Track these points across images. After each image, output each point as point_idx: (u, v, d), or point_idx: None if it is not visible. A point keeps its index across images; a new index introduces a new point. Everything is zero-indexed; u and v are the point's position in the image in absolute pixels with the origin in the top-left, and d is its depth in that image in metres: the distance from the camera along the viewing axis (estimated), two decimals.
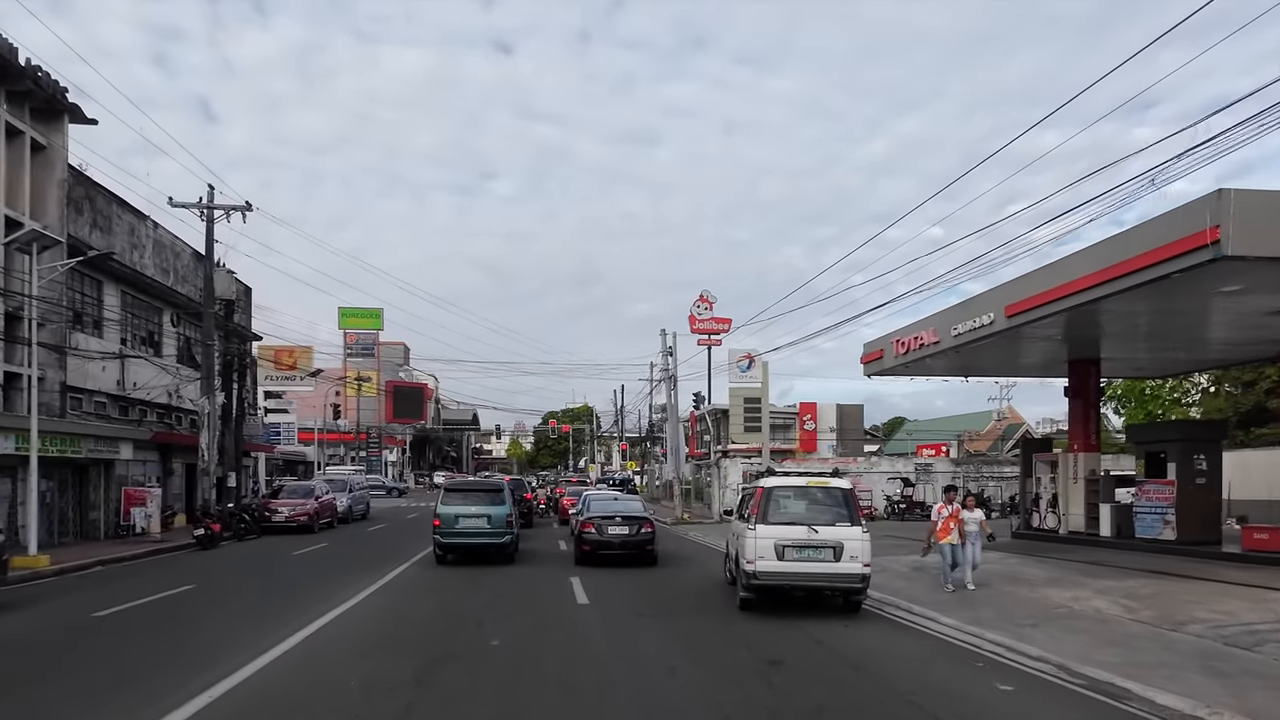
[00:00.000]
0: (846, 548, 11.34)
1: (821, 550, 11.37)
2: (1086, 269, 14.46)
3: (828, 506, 11.78)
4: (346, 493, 34.32)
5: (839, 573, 11.41)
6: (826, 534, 11.41)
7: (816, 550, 11.38)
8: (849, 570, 11.37)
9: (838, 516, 11.64)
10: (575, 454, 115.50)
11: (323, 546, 23.14)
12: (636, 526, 17.45)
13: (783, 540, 11.38)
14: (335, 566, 18.28)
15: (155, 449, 29.32)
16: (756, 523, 11.62)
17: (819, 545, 11.38)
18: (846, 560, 11.33)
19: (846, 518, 11.63)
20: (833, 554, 11.34)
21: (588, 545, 17.45)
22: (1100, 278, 13.99)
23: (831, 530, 11.46)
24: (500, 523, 17.71)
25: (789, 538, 11.40)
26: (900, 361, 22.20)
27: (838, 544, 11.34)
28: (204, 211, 26.74)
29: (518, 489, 30.91)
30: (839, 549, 11.33)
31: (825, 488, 12.05)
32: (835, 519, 11.61)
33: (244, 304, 37.83)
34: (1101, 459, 22.82)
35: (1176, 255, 12.14)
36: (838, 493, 11.95)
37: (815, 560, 11.38)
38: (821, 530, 11.44)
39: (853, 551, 11.35)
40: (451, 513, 17.61)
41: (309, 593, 13.74)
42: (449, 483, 18.85)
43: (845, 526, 11.53)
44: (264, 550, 22.32)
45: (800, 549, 11.37)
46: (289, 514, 27.71)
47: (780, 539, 11.39)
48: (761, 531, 11.48)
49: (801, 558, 11.36)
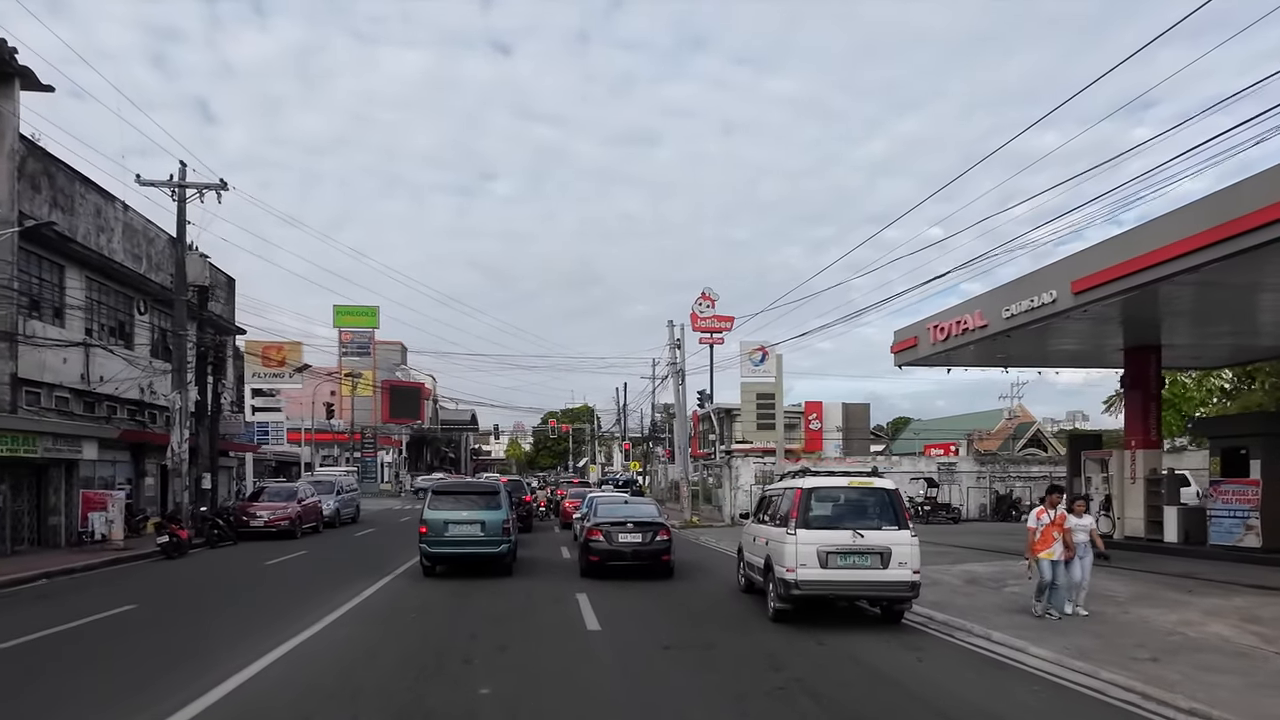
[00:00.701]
0: (895, 553, 10.45)
1: (867, 556, 10.47)
2: (1178, 234, 12.37)
3: (873, 508, 10.90)
4: (334, 495, 32.18)
5: (887, 581, 10.52)
6: (873, 539, 10.52)
7: (862, 557, 10.47)
8: (898, 578, 10.47)
9: (884, 519, 10.77)
10: (575, 455, 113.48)
11: (301, 555, 21.04)
12: (650, 534, 15.34)
13: (826, 546, 10.45)
14: (309, 579, 16.17)
15: (126, 449, 27.19)
16: (796, 527, 10.62)
17: (865, 551, 10.47)
18: (895, 567, 10.45)
19: (893, 520, 10.75)
20: (880, 560, 10.46)
21: (595, 555, 15.34)
22: (1198, 242, 11.89)
23: (878, 534, 10.58)
24: (496, 530, 15.59)
25: (833, 543, 10.49)
26: (938, 349, 20.12)
27: (885, 549, 10.46)
28: (174, 190, 24.63)
29: (516, 491, 28.78)
30: (886, 555, 10.45)
31: (869, 488, 11.11)
32: (881, 522, 10.74)
33: (226, 294, 35.68)
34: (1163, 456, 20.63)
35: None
36: (883, 494, 11.03)
37: (861, 568, 10.48)
38: (867, 535, 10.54)
39: (901, 557, 10.46)
40: (440, 518, 15.49)
41: (267, 615, 11.64)
42: (437, 484, 16.77)
43: (892, 530, 10.65)
44: (235, 559, 20.20)
45: (845, 555, 10.46)
46: (268, 518, 25.59)
47: (823, 544, 10.46)
48: (803, 536, 10.52)
49: (846, 565, 10.46)
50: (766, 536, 11.90)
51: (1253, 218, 10.89)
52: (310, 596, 13.33)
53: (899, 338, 22.08)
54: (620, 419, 66.74)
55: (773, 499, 12.75)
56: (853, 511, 10.92)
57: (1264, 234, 10.80)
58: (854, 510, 10.93)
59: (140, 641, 10.18)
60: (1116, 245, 13.81)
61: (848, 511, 10.94)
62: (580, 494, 30.40)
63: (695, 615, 11.88)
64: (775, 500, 12.47)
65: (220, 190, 25.00)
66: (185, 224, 24.61)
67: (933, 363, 21.95)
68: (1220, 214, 11.52)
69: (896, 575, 10.45)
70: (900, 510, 10.92)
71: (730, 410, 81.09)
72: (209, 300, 25.38)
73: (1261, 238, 10.86)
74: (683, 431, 34.06)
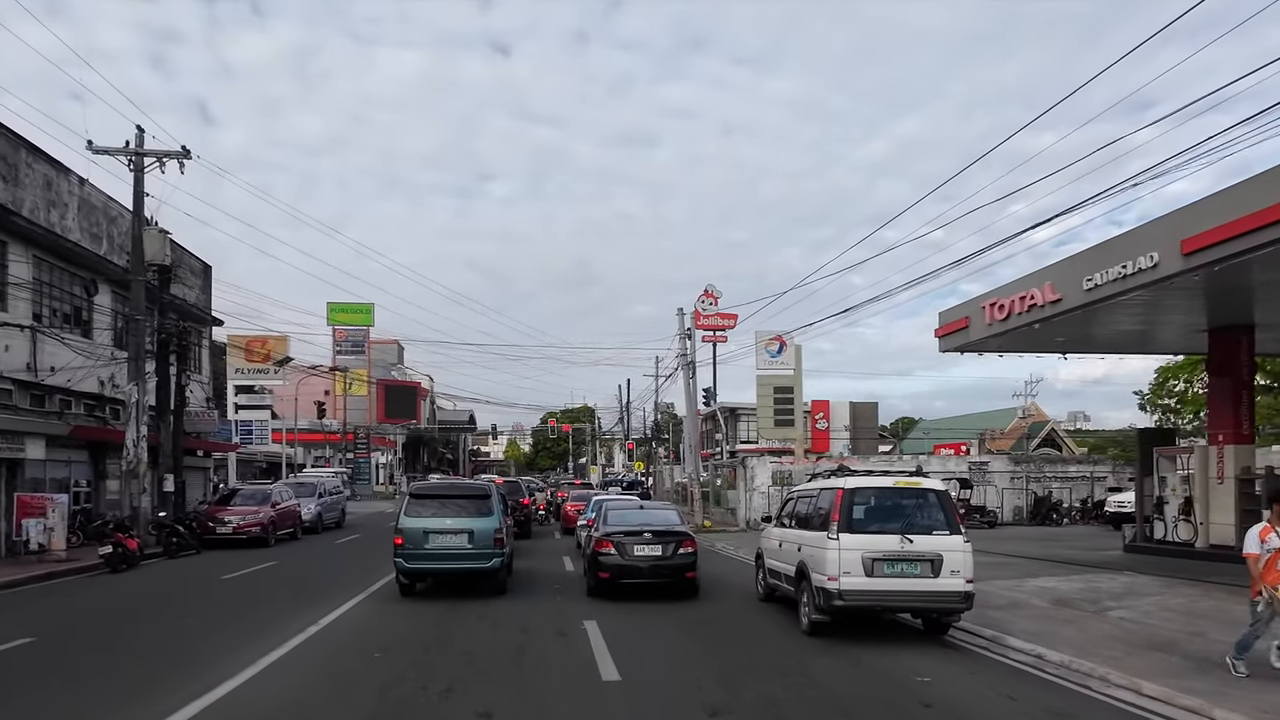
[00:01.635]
0: (946, 561, 9.62)
1: (917, 564, 9.63)
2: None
3: (921, 511, 10.05)
4: (315, 498, 29.57)
5: (938, 591, 9.64)
6: (923, 544, 9.66)
7: (911, 564, 9.64)
8: (950, 588, 9.61)
9: (934, 523, 9.92)
10: (575, 455, 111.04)
11: (268, 567, 18.49)
12: (672, 546, 12.77)
13: (872, 552, 9.59)
14: (263, 600, 13.59)
15: (83, 447, 24.60)
16: (839, 531, 9.72)
17: (914, 558, 9.63)
18: (946, 575, 9.61)
19: (944, 525, 9.89)
20: (930, 568, 9.61)
21: (605, 572, 12.75)
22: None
23: (928, 540, 9.71)
24: (486, 540, 13.00)
25: (879, 549, 9.62)
26: (995, 331, 17.55)
27: (936, 556, 9.62)
28: (131, 159, 22.08)
29: (513, 493, 26.19)
30: (938, 562, 9.61)
31: (917, 489, 10.32)
32: (931, 526, 9.88)
33: (201, 282, 33.11)
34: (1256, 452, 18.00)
35: None
36: (932, 495, 10.18)
37: (910, 576, 9.62)
38: (916, 540, 9.66)
39: (954, 565, 9.62)
40: (419, 527, 12.91)
41: (184, 657, 9.05)
42: (416, 487, 14.22)
43: (944, 535, 9.80)
44: (191, 573, 17.62)
45: (893, 563, 9.62)
46: (238, 524, 23.01)
47: (869, 550, 9.59)
48: (846, 542, 9.63)
49: (894, 573, 9.61)
50: (798, 541, 10.88)
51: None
52: (255, 625, 10.79)
53: (945, 320, 19.51)
54: (624, 416, 64.15)
55: (803, 500, 11.76)
56: (900, 514, 10.00)
57: None
58: (901, 513, 10.01)
59: (6, 699, 7.59)
60: (1252, 191, 11.24)
61: (894, 514, 10.00)
62: (584, 496, 27.83)
63: (735, 649, 9.32)
64: (807, 502, 11.45)
65: (182, 159, 22.46)
66: (143, 195, 22.09)
67: (984, 347, 19.40)
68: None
69: (948, 585, 9.57)
70: (952, 513, 10.04)
71: (735, 409, 78.86)
72: (171, 282, 22.83)
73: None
74: (693, 428, 31.48)
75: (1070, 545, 22.46)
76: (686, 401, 30.83)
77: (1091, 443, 75.00)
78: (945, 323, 19.41)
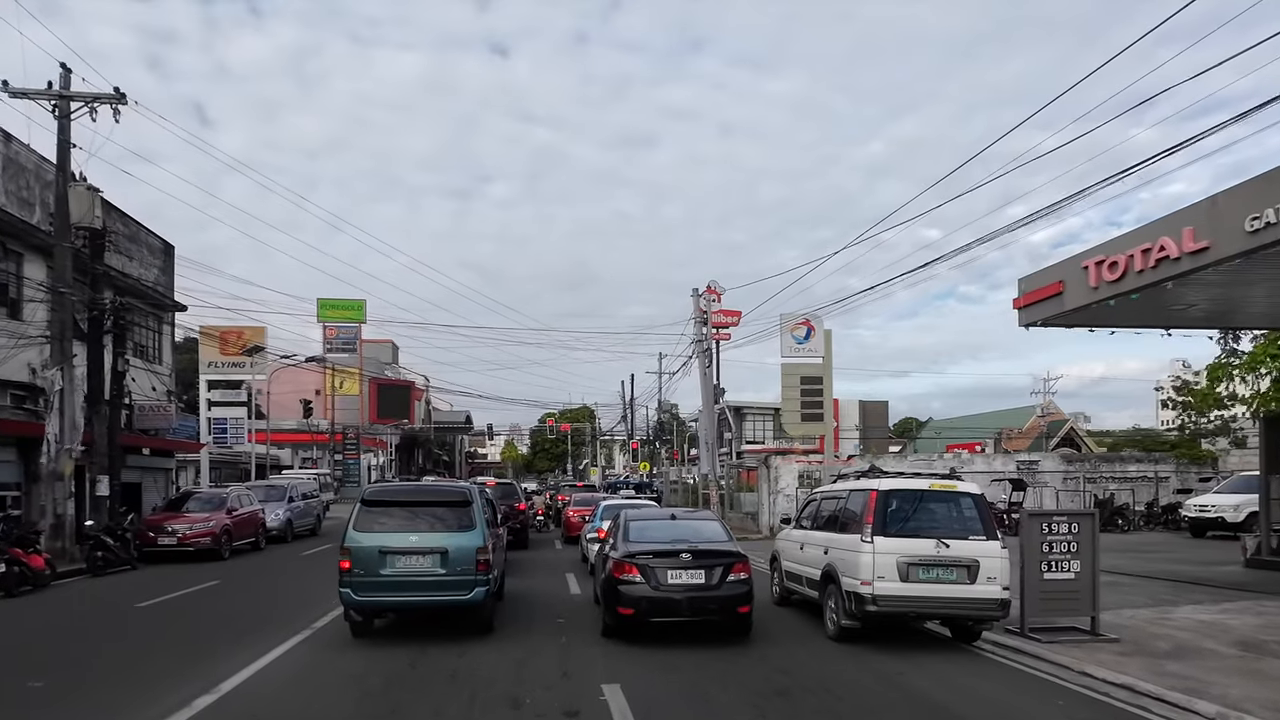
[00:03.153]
0: (983, 566, 9.27)
1: (953, 570, 9.28)
2: None
3: (957, 516, 9.72)
4: (284, 502, 26.17)
5: (974, 598, 9.28)
6: (959, 549, 9.32)
7: (947, 570, 9.29)
8: (986, 595, 9.26)
9: (969, 528, 9.54)
10: (575, 457, 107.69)
11: (208, 587, 15.13)
12: (720, 570, 9.35)
13: (907, 557, 9.24)
14: (175, 641, 10.21)
15: (12, 445, 21.21)
16: (873, 534, 9.37)
17: (949, 564, 9.29)
18: (983, 582, 9.27)
19: (980, 530, 9.53)
20: (966, 574, 9.28)
21: (629, 606, 9.30)
22: None
23: (964, 545, 9.36)
24: (466, 562, 9.57)
25: (915, 553, 9.27)
26: (1103, 295, 14.14)
27: (972, 562, 9.30)
28: (55, 104, 18.69)
29: (507, 497, 22.75)
30: (974, 568, 9.28)
31: (952, 492, 9.91)
32: (967, 531, 9.51)
33: (161, 262, 29.65)
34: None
35: None
36: (968, 499, 9.83)
37: (945, 581, 9.27)
38: (953, 545, 9.31)
39: (990, 571, 9.27)
40: (374, 545, 9.48)
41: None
42: (372, 490, 10.68)
43: (980, 540, 9.43)
44: (105, 597, 14.22)
45: (928, 568, 9.27)
46: (184, 534, 19.59)
47: (904, 555, 9.24)
48: (881, 545, 9.25)
49: (929, 578, 9.26)
50: (825, 544, 10.45)
51: None
52: (137, 685, 7.42)
53: (1029, 286, 16.08)
54: (627, 414, 60.75)
55: (828, 501, 11.36)
56: (935, 518, 9.76)
57: None
58: (936, 517, 9.78)
59: None
60: None
61: (929, 518, 9.75)
62: (589, 501, 24.38)
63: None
64: (834, 503, 11.01)
65: (116, 104, 19.04)
66: (69, 146, 18.71)
67: (1077, 320, 15.99)
68: None
69: (984, 591, 9.32)
70: (988, 518, 9.77)
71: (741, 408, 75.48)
72: (105, 249, 19.44)
73: None
74: (709, 422, 28.07)
75: (1166, 558, 19.10)
76: (703, 392, 27.47)
77: (1110, 442, 72.07)
78: (1030, 290, 15.97)
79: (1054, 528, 10.21)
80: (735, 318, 38.77)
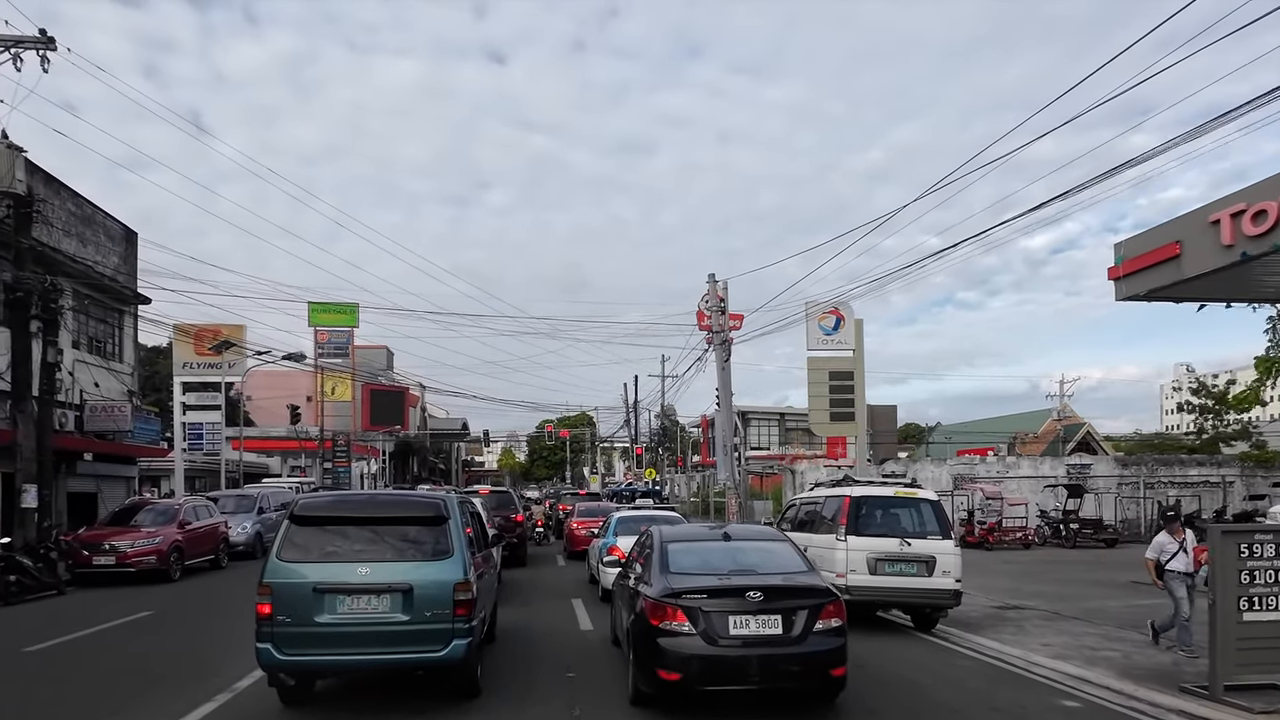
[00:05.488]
0: (940, 562, 10.72)
1: (914, 564, 10.72)
2: None
3: (918, 518, 11.14)
4: (253, 514, 23.32)
5: (932, 589, 10.70)
6: (919, 547, 10.75)
7: (909, 564, 10.74)
8: (942, 586, 10.68)
9: (928, 529, 10.99)
10: (574, 465, 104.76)
11: (134, 620, 12.34)
12: (802, 615, 6.48)
13: (876, 553, 10.67)
14: (28, 712, 7.37)
15: None
16: (846, 534, 10.84)
17: (911, 559, 10.73)
18: (939, 575, 10.70)
19: (938, 530, 11.00)
20: (925, 568, 10.70)
21: (674, 670, 6.39)
22: None
23: (924, 543, 10.80)
24: (438, 604, 6.69)
25: (882, 550, 10.71)
26: (1232, 259, 11.41)
27: (930, 558, 10.71)
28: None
29: (502, 507, 19.90)
30: (931, 563, 10.70)
31: (914, 498, 11.30)
32: (926, 532, 10.95)
33: (122, 249, 26.83)
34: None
35: None
36: (927, 504, 11.26)
37: (908, 575, 10.70)
38: (914, 543, 10.76)
39: (945, 566, 10.73)
40: (308, 581, 6.62)
41: None
42: (306, 503, 7.76)
43: (937, 540, 10.89)
44: (2, 632, 11.38)
45: (893, 562, 10.72)
46: (126, 552, 16.74)
47: (873, 551, 10.66)
48: (853, 543, 10.64)
49: (894, 571, 10.70)
50: (805, 544, 10.09)
51: None
52: None
53: (1132, 251, 13.35)
54: (630, 418, 57.92)
55: (806, 507, 12.81)
56: (899, 521, 11.10)
57: None
58: (900, 520, 11.11)
59: None
60: None
61: (894, 521, 11.11)
62: (596, 511, 21.55)
63: None
64: (812, 508, 12.40)
65: (43, 49, 16.26)
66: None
67: (1193, 291, 13.25)
68: None
69: (940, 583, 10.61)
70: (944, 520, 11.21)
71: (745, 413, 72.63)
72: (32, 220, 16.62)
73: None
74: (727, 422, 25.26)
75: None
76: (721, 390, 24.70)
77: (1127, 446, 69.55)
78: (1134, 254, 13.23)
79: (1258, 550, 7.41)
80: (738, 321, 36.09)
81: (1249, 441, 41.29)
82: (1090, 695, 7.78)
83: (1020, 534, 23.23)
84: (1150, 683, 7.99)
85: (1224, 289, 13.42)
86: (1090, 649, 9.76)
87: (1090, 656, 9.30)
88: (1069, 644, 10.08)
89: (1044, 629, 11.23)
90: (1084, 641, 10.25)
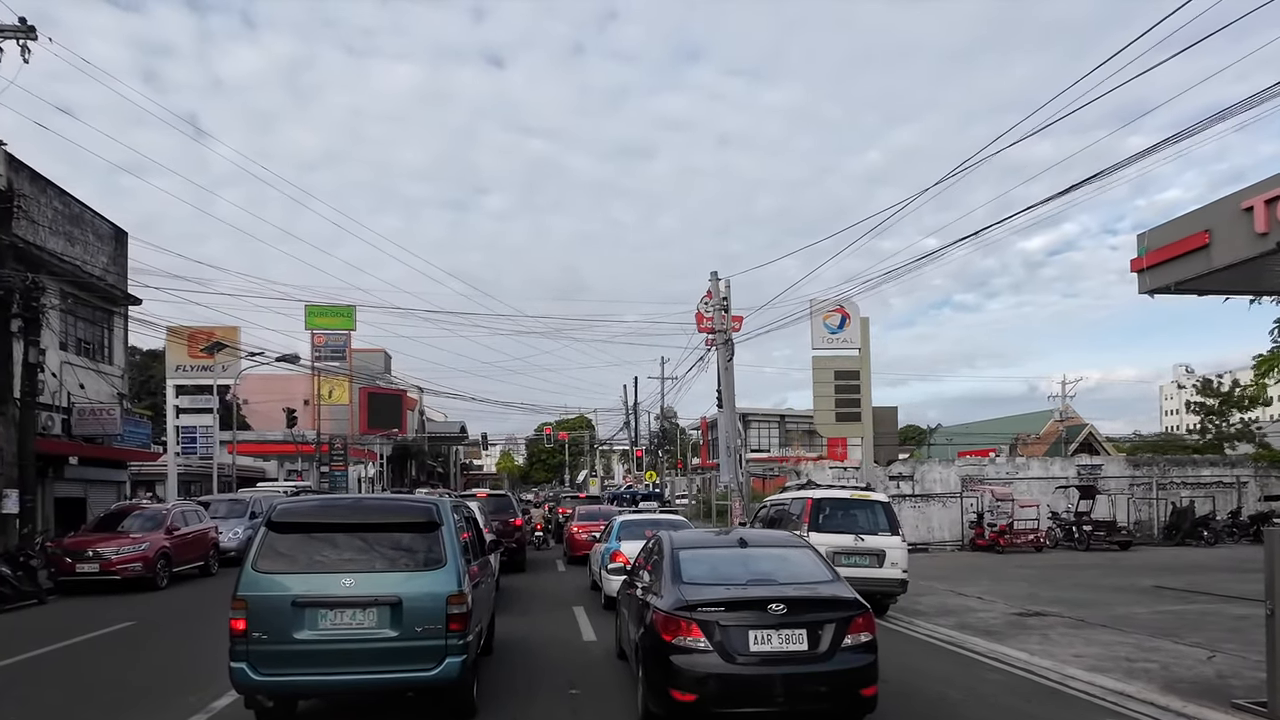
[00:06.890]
0: (889, 555, 12.20)
1: (866, 557, 12.14)
2: None
3: (870, 517, 12.63)
4: (245, 519, 22.70)
5: (883, 578, 12.06)
6: (871, 542, 12.25)
7: (862, 557, 12.12)
8: (891, 576, 12.16)
9: (879, 526, 12.48)
10: (572, 467, 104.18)
11: (114, 632, 11.78)
12: (829, 631, 5.91)
13: (834, 547, 11.64)
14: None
15: None
16: (809, 530, 11.97)
17: (865, 552, 12.17)
18: (888, 567, 12.17)
19: (888, 528, 12.49)
20: (876, 560, 12.15)
21: (690, 690, 5.80)
22: None
23: (875, 539, 12.29)
24: (430, 618, 6.13)
25: (839, 545, 11.94)
26: (1268, 246, 10.85)
27: (881, 551, 12.19)
28: None
29: (500, 511, 19.34)
30: (882, 556, 12.17)
31: (867, 500, 12.97)
32: (877, 529, 12.43)
33: (112, 249, 26.26)
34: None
35: None
36: (879, 505, 12.89)
37: (861, 566, 11.95)
38: (867, 539, 12.26)
39: (894, 559, 12.21)
40: (286, 595, 6.05)
41: None
42: (284, 509, 6.68)
43: (887, 536, 12.38)
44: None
45: (848, 555, 11.97)
46: (110, 559, 16.16)
47: (832, 546, 11.55)
48: (814, 539, 10.59)
49: (850, 564, 11.80)
50: None
51: None
52: None
53: (1157, 242, 12.79)
54: (630, 420, 57.32)
55: (775, 508, 14.44)
56: (855, 520, 12.59)
57: None
58: (856, 519, 12.62)
59: None
60: None
61: (850, 519, 12.59)
62: (596, 515, 20.97)
63: None
64: (780, 509, 14.05)
65: (23, 39, 15.69)
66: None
67: (1222, 284, 12.69)
68: None
69: (890, 574, 12.16)
70: (893, 519, 12.75)
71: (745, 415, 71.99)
72: (12, 215, 16.02)
73: None
74: (730, 423, 24.69)
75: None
76: (724, 391, 24.14)
77: (1128, 447, 69.02)
78: (1160, 245, 12.68)
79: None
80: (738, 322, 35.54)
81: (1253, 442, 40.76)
82: (1136, 712, 7.21)
83: (1032, 536, 22.65)
84: (1199, 698, 7.42)
85: (1253, 281, 12.87)
86: (1126, 660, 9.19)
87: (1128, 669, 8.72)
88: (1102, 654, 9.50)
89: (1072, 638, 10.65)
90: (1117, 652, 9.67)
